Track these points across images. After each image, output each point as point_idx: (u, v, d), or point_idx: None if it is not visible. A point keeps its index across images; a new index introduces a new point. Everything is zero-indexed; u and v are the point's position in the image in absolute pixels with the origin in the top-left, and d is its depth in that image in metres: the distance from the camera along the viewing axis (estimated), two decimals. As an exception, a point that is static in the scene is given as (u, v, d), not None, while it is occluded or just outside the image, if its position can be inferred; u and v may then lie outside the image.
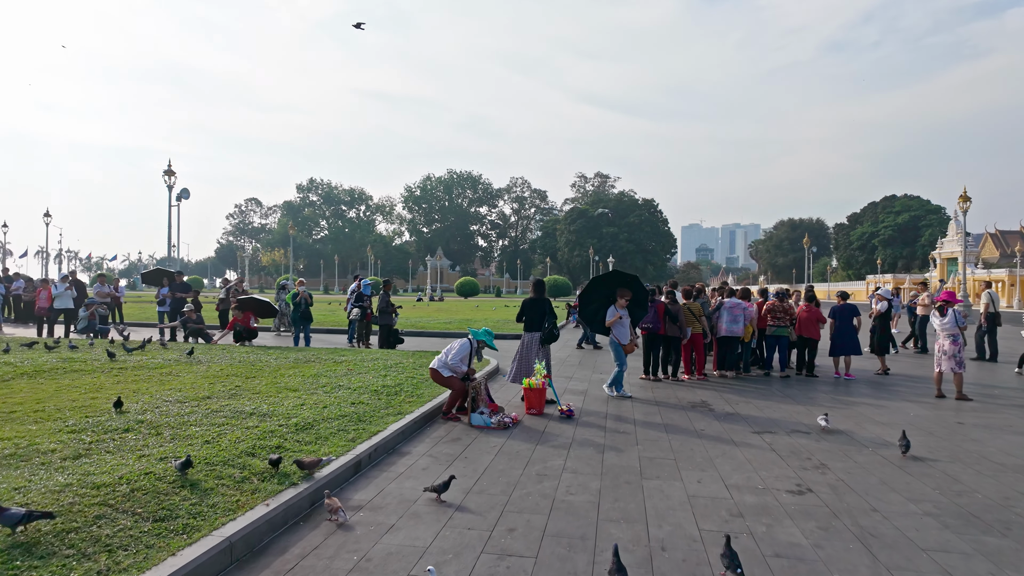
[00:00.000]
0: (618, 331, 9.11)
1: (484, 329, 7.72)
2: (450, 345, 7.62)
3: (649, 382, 10.69)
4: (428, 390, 8.36)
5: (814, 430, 7.24)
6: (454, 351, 7.44)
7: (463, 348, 7.48)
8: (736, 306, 11.24)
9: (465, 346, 7.50)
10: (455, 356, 7.39)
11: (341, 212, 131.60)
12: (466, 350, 7.48)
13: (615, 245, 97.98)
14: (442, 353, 7.60)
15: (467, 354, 7.48)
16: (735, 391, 9.93)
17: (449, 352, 7.48)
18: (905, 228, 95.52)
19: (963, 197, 33.69)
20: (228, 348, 12.63)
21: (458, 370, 7.40)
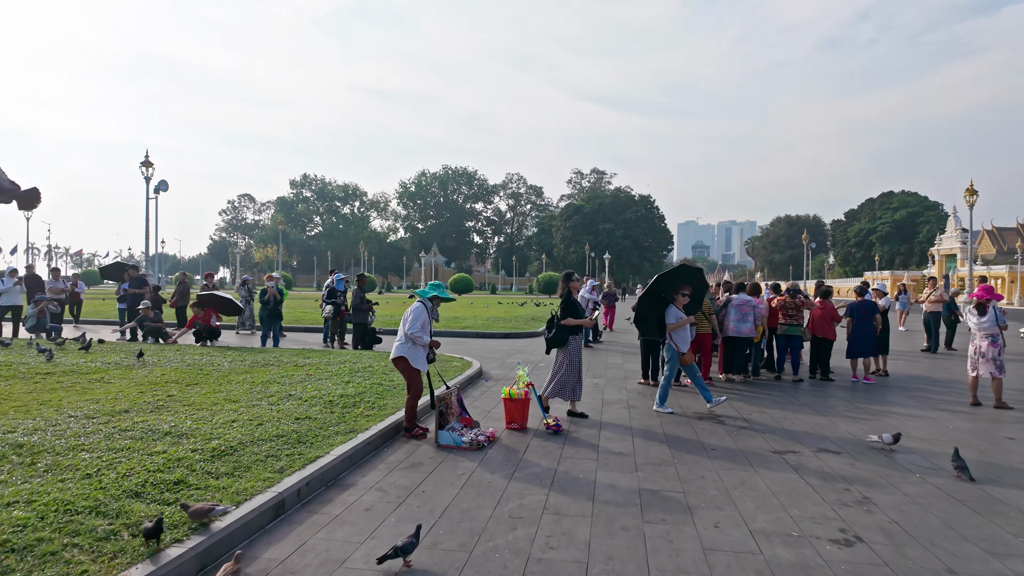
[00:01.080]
0: (679, 336, 7.72)
1: (431, 283, 6.44)
2: (403, 316, 6.33)
3: (649, 387, 9.56)
4: (394, 400, 7.21)
5: (844, 447, 6.13)
6: (408, 320, 6.12)
7: (418, 314, 6.12)
8: (745, 303, 10.11)
9: (420, 311, 6.15)
10: (413, 325, 6.06)
11: (335, 208, 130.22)
12: (423, 314, 6.14)
13: (611, 241, 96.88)
14: (399, 333, 6.29)
15: (426, 319, 6.17)
16: (746, 398, 8.82)
17: (404, 323, 6.18)
18: (903, 225, 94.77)
19: (969, 191, 32.70)
20: (184, 349, 11.45)
21: (421, 341, 6.12)
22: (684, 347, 7.70)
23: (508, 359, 12.62)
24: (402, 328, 6.20)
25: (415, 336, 6.07)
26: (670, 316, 7.73)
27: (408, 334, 6.10)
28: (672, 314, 7.74)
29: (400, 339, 6.20)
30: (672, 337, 7.69)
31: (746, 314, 10.14)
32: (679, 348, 7.67)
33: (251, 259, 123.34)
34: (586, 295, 16.87)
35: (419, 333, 6.07)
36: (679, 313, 7.74)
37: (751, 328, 10.16)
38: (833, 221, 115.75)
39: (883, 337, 10.94)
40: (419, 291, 6.44)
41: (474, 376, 9.90)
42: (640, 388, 9.50)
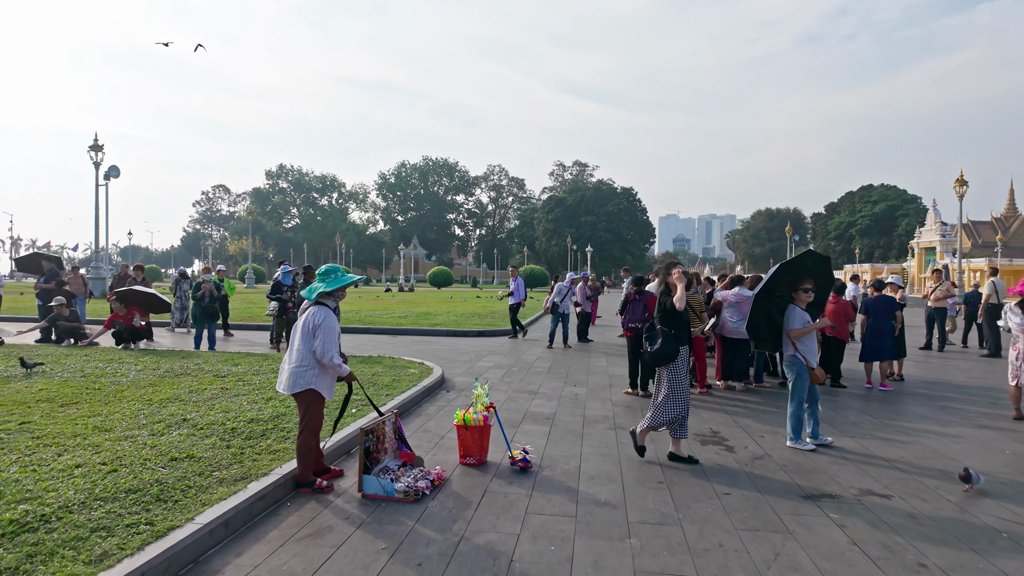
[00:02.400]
0: (805, 346, 5.89)
1: (323, 270, 4.65)
2: (298, 326, 4.53)
3: (637, 399, 8.15)
4: (319, 425, 5.68)
5: (892, 487, 4.75)
6: (317, 335, 4.36)
7: (329, 325, 4.38)
8: (746, 300, 8.72)
9: (329, 320, 4.40)
10: (326, 344, 4.33)
11: (312, 199, 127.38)
12: (334, 324, 4.44)
13: (594, 234, 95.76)
14: (292, 352, 4.49)
15: (338, 330, 4.49)
16: (752, 412, 7.44)
17: (305, 338, 4.39)
18: (882, 218, 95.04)
19: (959, 181, 31.89)
20: (94, 354, 9.77)
21: (334, 365, 4.37)
22: (813, 360, 5.88)
23: (479, 362, 11.14)
24: (301, 344, 4.44)
25: (330, 362, 4.39)
26: (793, 320, 5.86)
27: (319, 358, 4.37)
28: (796, 317, 5.87)
29: (299, 363, 4.44)
30: (797, 348, 5.84)
31: (746, 312, 8.76)
32: (808, 362, 5.83)
33: (225, 251, 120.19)
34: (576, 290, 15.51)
35: (334, 355, 4.40)
36: (804, 315, 5.87)
37: (753, 327, 8.78)
38: (813, 214, 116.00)
39: (900, 338, 9.66)
40: (309, 291, 4.57)
41: (434, 386, 8.39)
42: (628, 400, 8.07)
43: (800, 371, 5.88)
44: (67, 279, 13.92)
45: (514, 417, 6.92)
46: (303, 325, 4.43)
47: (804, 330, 5.84)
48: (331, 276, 4.57)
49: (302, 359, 4.42)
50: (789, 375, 6.01)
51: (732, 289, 8.74)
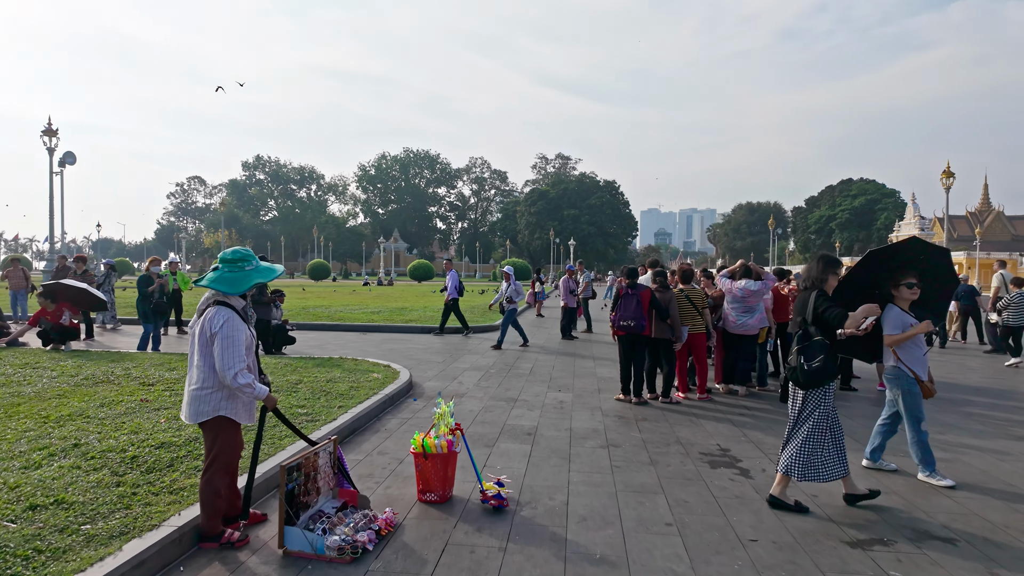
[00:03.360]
0: (909, 355, 4.69)
1: (226, 255, 3.44)
2: (195, 332, 3.37)
3: (631, 407, 7.19)
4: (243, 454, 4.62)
5: (952, 526, 3.84)
6: (216, 347, 3.23)
7: (231, 333, 3.24)
8: (752, 294, 7.82)
9: (233, 325, 3.27)
10: (228, 359, 3.20)
11: (290, 191, 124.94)
12: (239, 332, 3.28)
13: (576, 227, 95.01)
14: (193, 371, 3.40)
15: (248, 338, 3.34)
16: (761, 423, 6.52)
17: (205, 352, 3.29)
18: (861, 211, 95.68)
19: (946, 173, 31.47)
20: (6, 356, 8.54)
21: (230, 378, 3.21)
22: (923, 371, 4.70)
23: (454, 363, 10.11)
24: (200, 359, 3.34)
25: (233, 381, 3.24)
26: (891, 323, 4.62)
27: (225, 380, 3.23)
28: (892, 319, 4.64)
29: (200, 383, 3.33)
30: (900, 357, 4.69)
31: (753, 306, 7.87)
32: (917, 375, 4.66)
33: (200, 244, 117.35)
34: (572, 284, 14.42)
35: (238, 372, 3.23)
36: (903, 317, 4.63)
37: (758, 320, 7.89)
38: (794, 208, 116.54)
39: None
40: (208, 280, 3.37)
41: (398, 394, 7.34)
42: (619, 408, 7.11)
43: (908, 386, 4.67)
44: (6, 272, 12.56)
45: (489, 433, 5.91)
46: (199, 332, 3.35)
47: (902, 336, 4.59)
48: (238, 267, 3.42)
49: (203, 378, 3.34)
50: (893, 392, 4.81)
51: (739, 281, 7.81)
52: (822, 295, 4.19)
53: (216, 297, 3.37)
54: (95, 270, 13.25)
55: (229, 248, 3.48)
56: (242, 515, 3.62)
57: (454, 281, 13.92)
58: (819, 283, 4.26)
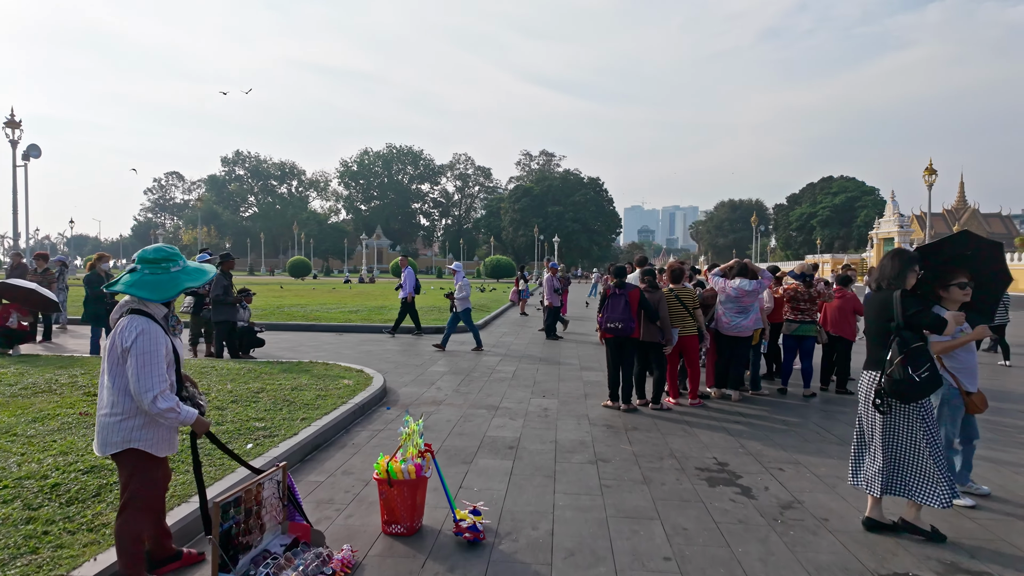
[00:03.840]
0: (957, 362, 4.20)
1: (153, 248, 2.91)
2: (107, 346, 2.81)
3: (619, 414, 6.74)
4: (184, 479, 4.08)
5: (980, 555, 3.45)
6: (131, 364, 2.69)
7: (147, 348, 2.69)
8: (747, 294, 7.42)
9: (152, 338, 2.72)
10: (144, 379, 2.66)
11: (271, 187, 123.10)
12: (157, 345, 2.73)
13: (561, 224, 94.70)
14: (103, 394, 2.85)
15: (163, 355, 2.75)
16: (758, 431, 6.11)
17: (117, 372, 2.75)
18: (842, 209, 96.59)
19: (928, 170, 31.64)
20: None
21: (148, 402, 2.67)
22: (972, 382, 4.20)
23: (432, 366, 9.60)
24: (109, 380, 2.79)
25: (152, 406, 2.68)
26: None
27: (143, 404, 2.68)
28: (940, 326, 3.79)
29: (110, 408, 2.78)
30: (944, 365, 4.18)
31: (747, 307, 7.46)
32: (963, 386, 4.18)
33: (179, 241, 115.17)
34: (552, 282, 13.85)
35: (157, 395, 2.68)
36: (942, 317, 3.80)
37: (753, 321, 7.48)
38: (776, 205, 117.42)
39: None
40: (124, 284, 2.79)
41: (370, 402, 6.81)
42: (608, 416, 6.65)
43: (949, 396, 4.19)
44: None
45: (467, 447, 5.42)
46: (109, 348, 2.79)
47: (952, 343, 4.01)
48: (162, 268, 2.84)
49: (113, 403, 2.79)
50: (944, 399, 4.24)
51: (733, 280, 7.40)
52: (909, 296, 3.70)
53: (132, 305, 2.82)
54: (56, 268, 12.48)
55: (151, 246, 2.92)
56: (171, 556, 3.10)
57: (411, 279, 13.19)
58: (897, 282, 3.76)
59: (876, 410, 3.69)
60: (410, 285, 13.15)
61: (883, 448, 3.74)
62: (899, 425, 3.70)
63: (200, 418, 2.93)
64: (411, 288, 13.21)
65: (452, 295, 11.64)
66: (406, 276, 13.16)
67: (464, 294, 11.52)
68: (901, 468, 3.73)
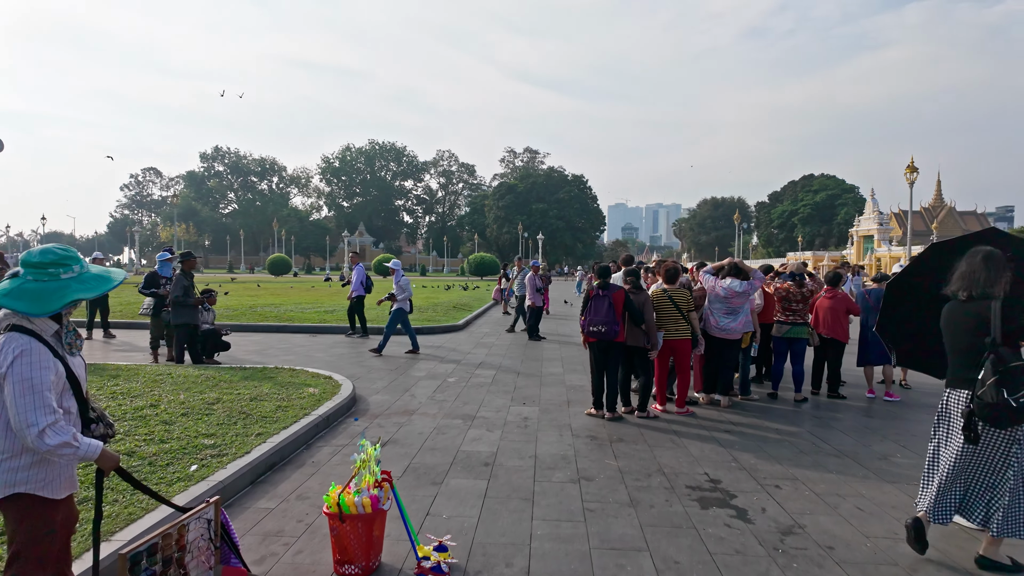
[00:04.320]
0: None
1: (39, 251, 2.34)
2: None
3: (603, 424, 6.34)
4: (84, 530, 3.59)
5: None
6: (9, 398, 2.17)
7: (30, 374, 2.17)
8: (737, 295, 7.07)
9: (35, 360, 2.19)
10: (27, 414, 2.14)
11: (251, 184, 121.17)
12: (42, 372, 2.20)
13: (545, 222, 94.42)
14: None
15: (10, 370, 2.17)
16: (750, 441, 5.74)
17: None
18: (823, 207, 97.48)
19: (910, 168, 31.69)
20: None
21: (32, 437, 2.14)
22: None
23: (409, 370, 9.12)
24: None
25: (37, 442, 2.16)
26: None
27: (27, 441, 2.17)
28: None
29: None
30: None
31: (737, 308, 7.10)
32: None
33: (156, 238, 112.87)
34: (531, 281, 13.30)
35: (51, 431, 2.18)
36: None
37: (742, 324, 7.12)
38: (757, 203, 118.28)
39: None
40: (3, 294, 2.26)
41: (337, 413, 6.33)
42: (592, 426, 6.25)
43: None
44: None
45: (439, 464, 4.97)
46: None
47: None
48: (49, 274, 2.31)
49: None
50: None
51: (723, 280, 7.03)
52: (1014, 304, 3.21)
53: (12, 320, 2.31)
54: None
55: (40, 247, 2.41)
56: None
57: (360, 276, 12.38)
58: (990, 287, 3.27)
59: (967, 438, 3.23)
60: (358, 282, 12.36)
61: (964, 471, 3.34)
62: (989, 450, 3.29)
63: (106, 452, 2.43)
64: (359, 285, 12.43)
65: (393, 296, 10.67)
66: (356, 273, 12.37)
67: (405, 294, 10.67)
68: (985, 495, 3.34)
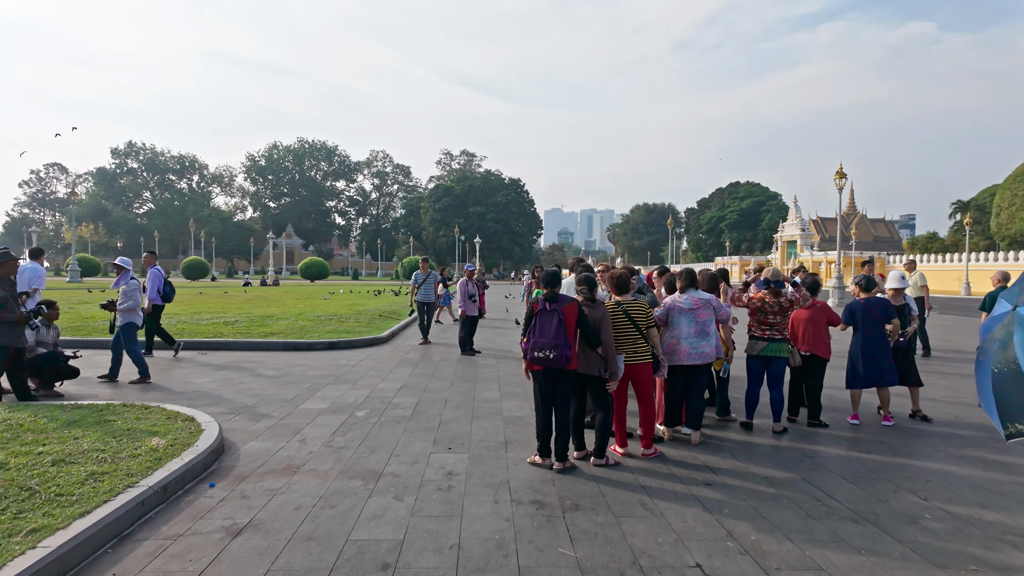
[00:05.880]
0: None
1: None
2: None
3: (552, 478, 4.85)
4: None
5: None
6: None
7: None
8: (704, 305, 5.80)
9: None
10: None
11: (169, 182, 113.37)
12: None
13: (482, 225, 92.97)
14: None
15: None
16: (741, 500, 4.40)
17: None
18: (748, 213, 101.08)
19: (839, 173, 32.39)
20: None
21: None
22: None
23: (306, 403, 7.33)
24: None
25: None
26: None
27: None
28: None
29: None
30: None
31: (705, 323, 5.83)
32: None
33: (61, 240, 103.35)
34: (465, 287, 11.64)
35: None
36: None
37: (713, 348, 5.88)
38: (687, 209, 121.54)
39: (909, 356, 7.13)
40: None
41: (185, 477, 4.53)
42: (537, 482, 4.74)
43: None
44: None
45: (314, 568, 3.32)
46: None
47: None
48: None
49: None
50: None
51: (683, 293, 5.75)
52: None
53: None
54: None
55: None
56: None
57: (156, 281, 9.97)
58: None
59: None
60: (153, 288, 9.92)
61: None
62: None
63: None
64: (155, 293, 9.98)
65: (114, 304, 8.26)
66: (150, 278, 9.94)
67: (131, 303, 8.15)
68: None
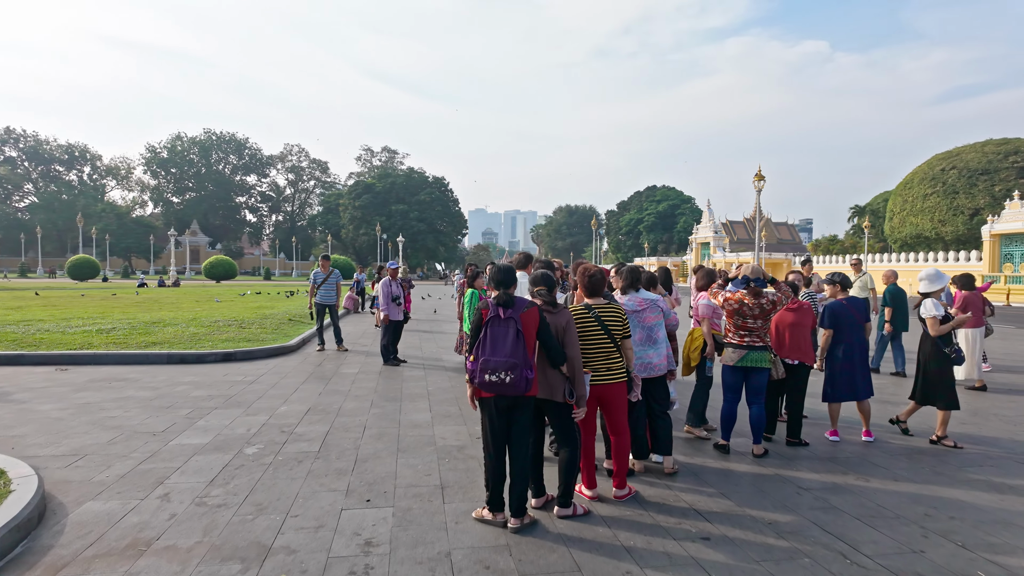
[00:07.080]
0: None
1: None
2: None
3: (506, 541, 3.66)
4: None
5: None
6: None
7: None
8: (650, 305, 4.90)
9: None
10: None
11: (55, 174, 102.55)
12: None
13: (405, 223, 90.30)
14: None
15: None
16: (744, 559, 3.40)
17: None
18: (665, 215, 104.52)
19: (758, 176, 33.29)
20: None
21: None
22: None
23: (181, 436, 5.74)
24: None
25: None
26: None
27: None
28: None
29: None
30: None
31: (652, 328, 4.88)
32: None
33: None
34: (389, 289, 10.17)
35: None
36: None
37: (664, 358, 4.93)
38: (607, 211, 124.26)
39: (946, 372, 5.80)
40: None
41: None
42: (489, 552, 3.53)
43: None
44: None
45: None
46: None
47: None
48: None
49: None
50: None
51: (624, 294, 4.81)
52: None
53: None
54: None
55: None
56: None
57: None
58: None
59: None
60: None
61: None
62: None
63: None
64: None
65: None
66: None
67: None
68: None
